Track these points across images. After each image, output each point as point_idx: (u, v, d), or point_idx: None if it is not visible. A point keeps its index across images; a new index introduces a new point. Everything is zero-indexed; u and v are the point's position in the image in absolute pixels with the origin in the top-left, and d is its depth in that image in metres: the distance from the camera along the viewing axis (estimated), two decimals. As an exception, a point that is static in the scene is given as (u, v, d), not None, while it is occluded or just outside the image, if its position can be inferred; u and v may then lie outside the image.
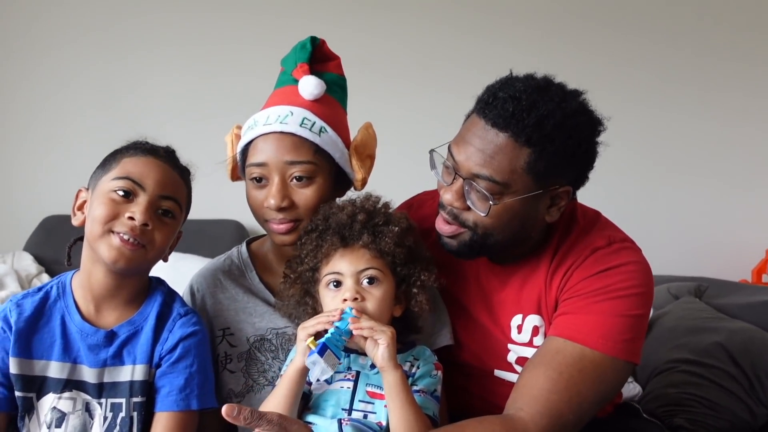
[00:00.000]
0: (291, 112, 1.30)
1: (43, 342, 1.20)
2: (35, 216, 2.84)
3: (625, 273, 1.26)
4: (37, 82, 3.01)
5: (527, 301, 1.33)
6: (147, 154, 1.23)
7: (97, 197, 1.20)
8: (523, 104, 1.16)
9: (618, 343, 1.22)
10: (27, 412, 1.20)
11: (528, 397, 1.17)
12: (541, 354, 1.24)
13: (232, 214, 2.85)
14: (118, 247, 1.17)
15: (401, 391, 1.13)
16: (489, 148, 1.18)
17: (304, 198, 1.28)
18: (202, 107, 2.97)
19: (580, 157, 1.23)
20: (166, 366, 1.22)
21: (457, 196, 1.24)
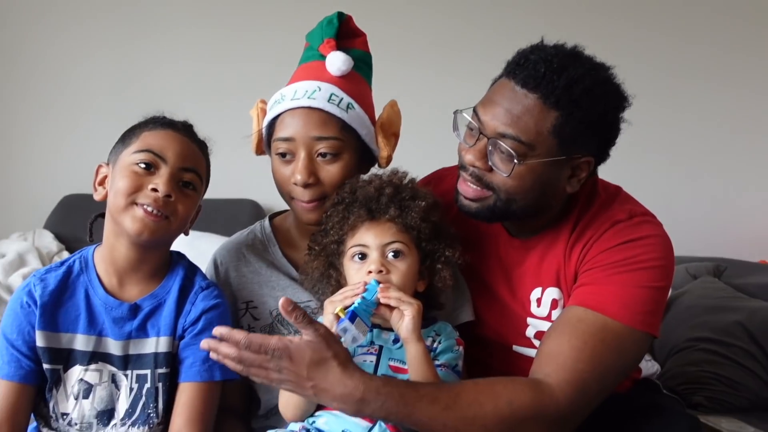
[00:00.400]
0: (319, 87, 1.30)
1: (68, 315, 1.22)
2: (55, 195, 2.85)
3: (646, 246, 1.26)
4: (55, 63, 3.02)
5: (547, 273, 1.33)
6: (166, 128, 1.24)
7: (119, 171, 1.21)
8: (554, 66, 1.17)
9: (638, 314, 1.21)
10: (55, 383, 1.21)
11: (555, 365, 1.17)
12: (562, 322, 1.23)
13: (249, 193, 2.86)
14: (141, 218, 1.18)
15: (423, 363, 1.14)
16: (517, 108, 1.19)
17: (329, 175, 1.29)
18: (218, 88, 2.96)
19: (604, 127, 1.23)
20: (189, 338, 1.24)
21: (480, 156, 1.23)
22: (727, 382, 1.81)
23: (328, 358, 1.05)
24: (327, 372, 1.05)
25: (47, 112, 3.02)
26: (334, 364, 1.05)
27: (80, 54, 3.02)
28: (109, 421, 1.22)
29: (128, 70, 3.00)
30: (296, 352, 1.04)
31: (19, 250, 2.53)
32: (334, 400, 1.06)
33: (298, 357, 1.04)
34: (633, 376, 1.47)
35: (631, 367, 1.29)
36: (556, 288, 1.32)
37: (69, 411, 1.21)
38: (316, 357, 1.04)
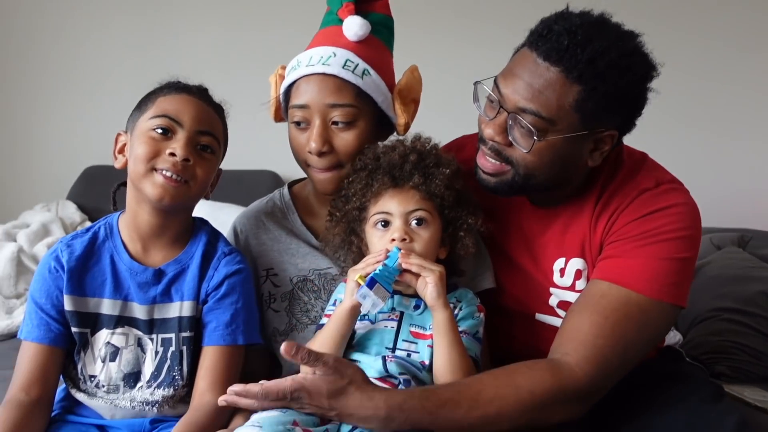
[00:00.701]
0: (334, 53, 1.28)
1: (94, 280, 1.24)
2: (77, 166, 2.89)
3: (672, 215, 1.24)
4: (76, 34, 3.03)
5: (571, 244, 1.32)
6: (181, 92, 1.24)
7: (137, 137, 1.21)
8: (578, 38, 1.13)
9: (664, 286, 1.20)
10: (83, 347, 1.24)
11: (574, 342, 1.17)
12: (585, 298, 1.22)
13: (269, 164, 2.87)
14: (162, 184, 1.18)
15: (449, 331, 1.14)
16: (538, 82, 1.16)
17: (344, 143, 1.28)
18: (239, 58, 2.96)
19: (629, 101, 1.19)
20: (213, 302, 1.25)
21: (500, 130, 1.21)
22: (751, 352, 1.80)
23: (344, 386, 1.06)
24: (347, 399, 1.06)
25: (68, 86, 3.04)
26: (351, 389, 1.06)
27: (101, 24, 3.03)
28: (135, 384, 1.24)
29: (149, 40, 3.01)
30: (313, 388, 1.05)
31: (43, 220, 2.57)
32: (360, 422, 1.08)
33: (315, 392, 1.05)
34: (657, 345, 1.46)
35: (657, 339, 1.29)
36: (581, 259, 1.31)
37: (96, 373, 1.23)
38: (332, 388, 1.05)
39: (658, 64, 1.20)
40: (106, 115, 2.89)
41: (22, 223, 2.59)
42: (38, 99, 3.05)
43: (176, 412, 1.23)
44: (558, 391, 1.13)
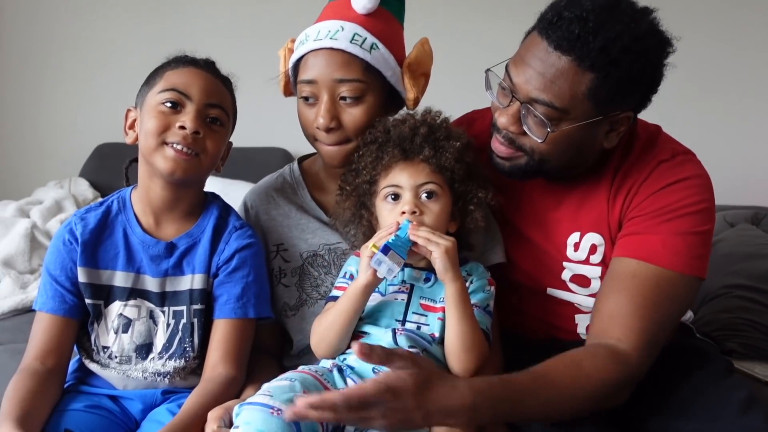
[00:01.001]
0: (342, 27, 1.27)
1: (107, 253, 1.25)
2: (89, 144, 2.90)
3: (691, 187, 1.24)
4: (86, 10, 3.03)
5: (587, 218, 1.31)
6: (188, 65, 1.24)
7: (147, 112, 1.22)
8: (589, 26, 1.10)
9: (690, 259, 1.21)
10: (96, 318, 1.25)
11: (623, 328, 1.17)
12: (617, 279, 1.22)
13: (280, 141, 2.87)
14: (173, 157, 1.19)
15: (459, 303, 1.14)
16: (550, 71, 1.14)
17: (352, 118, 1.27)
18: (249, 32, 2.94)
19: (645, 82, 1.18)
20: (224, 276, 1.26)
21: (513, 120, 1.20)
22: (762, 329, 1.79)
23: (428, 377, 1.00)
24: (432, 390, 1.00)
25: (80, 63, 3.04)
26: (435, 379, 1.01)
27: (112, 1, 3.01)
28: (147, 355, 1.25)
29: (159, 15, 3.00)
30: (399, 385, 0.97)
31: (56, 197, 2.59)
32: (448, 416, 1.02)
33: (401, 389, 0.97)
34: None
35: (684, 312, 1.30)
36: (597, 233, 1.31)
37: (109, 344, 1.25)
38: (419, 380, 0.99)
39: (673, 38, 1.18)
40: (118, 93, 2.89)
41: (36, 200, 2.61)
42: (51, 76, 3.06)
43: (187, 384, 1.25)
44: (623, 378, 1.15)
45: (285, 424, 1.00)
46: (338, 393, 0.94)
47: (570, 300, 1.36)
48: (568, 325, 1.38)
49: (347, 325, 1.17)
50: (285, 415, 0.97)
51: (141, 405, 1.26)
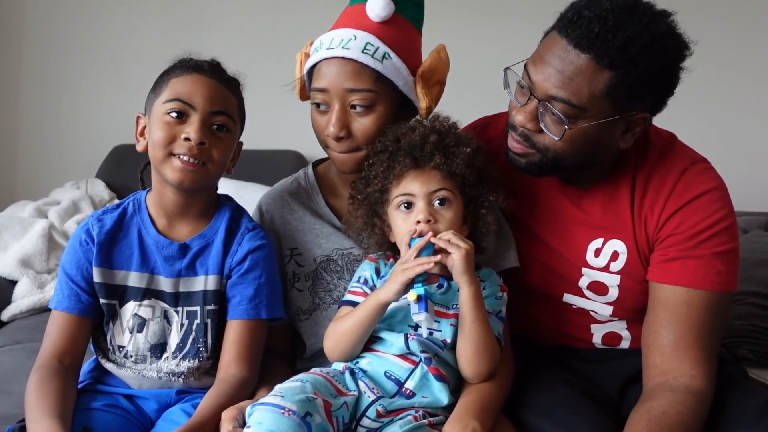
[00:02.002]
0: (354, 36, 1.27)
1: (122, 254, 1.27)
2: (106, 145, 2.92)
3: (717, 200, 1.26)
4: (103, 13, 3.05)
5: (610, 225, 1.31)
6: (192, 72, 1.24)
7: (154, 122, 1.23)
8: (609, 24, 1.12)
9: (730, 277, 1.25)
10: (111, 318, 1.27)
11: (692, 362, 1.21)
12: (672, 310, 1.24)
13: (293, 144, 2.88)
14: (180, 169, 1.20)
15: (474, 307, 1.14)
16: (569, 69, 1.15)
17: (362, 127, 1.27)
18: (265, 36, 2.96)
19: (661, 83, 1.19)
20: (236, 277, 1.27)
21: (530, 118, 1.21)
22: (774, 337, 1.79)
23: None
24: None
25: (97, 65, 3.06)
26: None
27: (128, 2, 3.04)
28: (161, 354, 1.27)
29: (177, 18, 3.02)
30: None
31: (73, 197, 2.61)
32: None
33: None
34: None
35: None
36: (621, 241, 1.31)
37: (125, 344, 1.27)
38: None
39: (690, 42, 1.19)
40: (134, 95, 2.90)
41: (53, 201, 2.63)
42: (68, 79, 3.08)
43: (201, 384, 1.27)
44: (706, 412, 1.20)
45: (296, 424, 1.02)
46: None
47: (586, 307, 1.36)
48: (582, 334, 1.39)
49: (363, 335, 1.18)
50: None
51: (156, 405, 1.27)
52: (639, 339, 1.33)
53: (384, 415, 1.15)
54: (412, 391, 1.17)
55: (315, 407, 1.06)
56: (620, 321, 1.36)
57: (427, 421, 1.14)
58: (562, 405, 1.22)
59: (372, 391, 1.16)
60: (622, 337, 1.38)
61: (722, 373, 1.27)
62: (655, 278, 1.27)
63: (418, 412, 1.15)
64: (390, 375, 1.17)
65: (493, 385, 1.19)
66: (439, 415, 1.17)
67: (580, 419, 1.19)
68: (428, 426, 1.14)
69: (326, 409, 1.08)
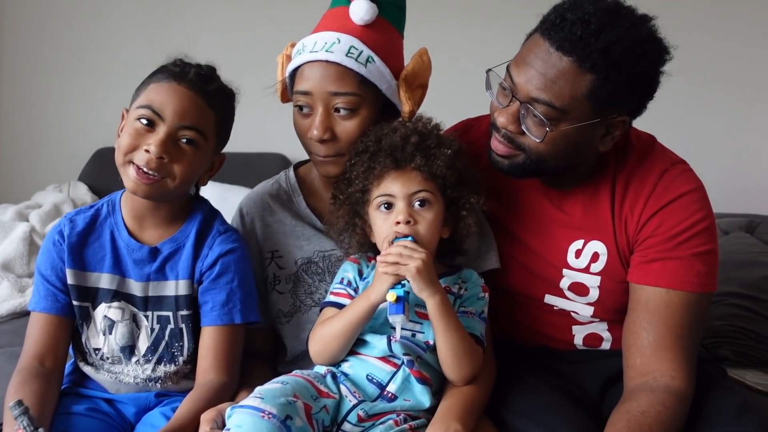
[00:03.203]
0: (338, 39, 1.26)
1: (95, 255, 1.26)
2: (89, 148, 2.91)
3: (696, 202, 1.27)
4: (88, 16, 3.04)
5: (590, 226, 1.32)
6: (172, 80, 1.20)
7: (127, 124, 1.20)
8: (592, 28, 1.12)
9: (709, 277, 1.26)
10: (84, 320, 1.26)
11: (671, 362, 1.22)
12: (652, 310, 1.24)
13: (278, 147, 2.88)
14: (134, 179, 1.18)
15: (444, 316, 1.14)
16: (551, 71, 1.15)
17: (346, 131, 1.27)
18: (248, 39, 2.95)
19: (643, 87, 1.20)
20: (208, 282, 1.25)
21: (512, 119, 1.22)
22: (755, 337, 1.81)
23: None
24: None
25: (80, 68, 3.05)
26: None
27: (113, 5, 3.03)
28: (131, 357, 1.26)
29: (161, 22, 3.01)
30: None
31: (55, 201, 2.60)
32: None
33: None
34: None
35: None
36: (601, 242, 1.32)
37: (100, 346, 1.26)
38: None
39: (671, 47, 1.20)
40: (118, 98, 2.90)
41: (35, 204, 2.62)
42: (51, 81, 3.07)
43: (180, 388, 1.26)
44: (685, 413, 1.20)
45: (275, 427, 1.01)
46: None
47: (567, 308, 1.37)
48: (564, 336, 1.39)
49: (353, 337, 1.18)
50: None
51: (134, 408, 1.26)
52: (620, 340, 1.33)
53: (365, 420, 1.14)
54: (393, 395, 1.17)
55: (295, 410, 1.06)
56: (601, 322, 1.37)
57: (408, 425, 1.14)
58: (544, 406, 1.23)
59: (353, 395, 1.15)
60: (603, 338, 1.38)
61: (702, 372, 1.28)
62: (635, 279, 1.28)
63: (400, 416, 1.15)
64: (372, 378, 1.17)
65: (474, 387, 1.19)
66: (420, 418, 1.17)
67: (561, 420, 1.20)
68: (410, 430, 1.14)
69: (307, 412, 1.08)
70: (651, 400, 1.18)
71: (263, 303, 1.36)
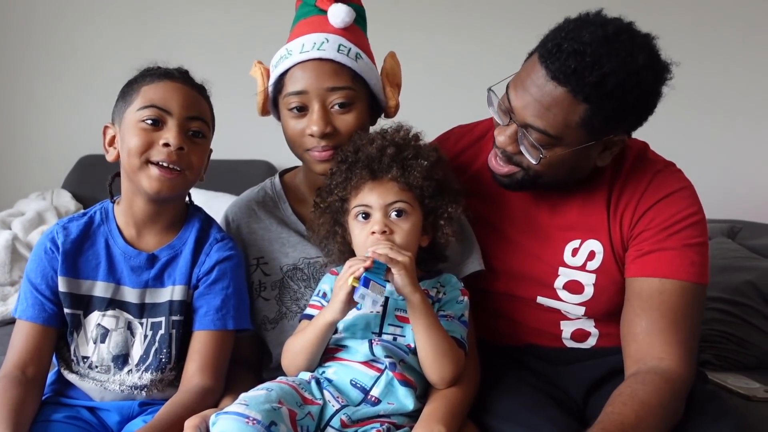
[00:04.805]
0: (326, 38, 1.29)
1: (88, 263, 1.25)
2: (72, 155, 2.89)
3: (686, 198, 1.30)
4: (70, 23, 3.03)
5: (587, 225, 1.35)
6: (163, 78, 1.22)
7: (127, 130, 1.21)
8: (586, 60, 1.14)
9: (700, 268, 1.28)
10: (75, 328, 1.25)
11: (663, 345, 1.23)
12: (646, 299, 1.26)
13: (263, 154, 2.88)
14: (158, 177, 1.19)
15: (423, 315, 1.15)
16: (546, 99, 1.18)
17: (345, 124, 1.28)
18: (232, 46, 2.95)
19: (638, 110, 1.22)
20: (204, 287, 1.26)
21: (510, 141, 1.25)
22: (736, 341, 1.82)
23: None
24: None
25: (63, 75, 3.04)
26: None
27: (95, 13, 3.02)
28: (123, 366, 1.25)
29: (143, 28, 3.01)
30: None
31: (38, 208, 2.58)
32: None
33: None
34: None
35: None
36: (597, 241, 1.34)
37: (89, 354, 1.25)
38: None
39: (672, 63, 1.21)
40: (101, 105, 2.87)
41: (17, 212, 2.60)
42: (34, 88, 3.05)
43: (164, 396, 1.25)
44: (676, 393, 1.19)
45: (260, 433, 1.01)
46: None
47: (558, 308, 1.39)
48: (552, 330, 1.41)
49: (316, 353, 1.19)
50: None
51: (118, 416, 1.26)
52: (607, 336, 1.37)
53: (348, 425, 1.14)
54: (377, 398, 1.17)
55: (280, 416, 1.06)
56: (589, 319, 1.39)
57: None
58: (527, 408, 1.24)
59: (336, 400, 1.16)
60: (590, 333, 1.40)
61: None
62: (630, 273, 1.30)
63: (384, 426, 1.15)
64: (356, 383, 1.18)
65: (458, 390, 1.20)
66: (405, 426, 1.17)
67: (544, 422, 1.20)
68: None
69: (291, 419, 1.08)
70: (630, 381, 1.20)
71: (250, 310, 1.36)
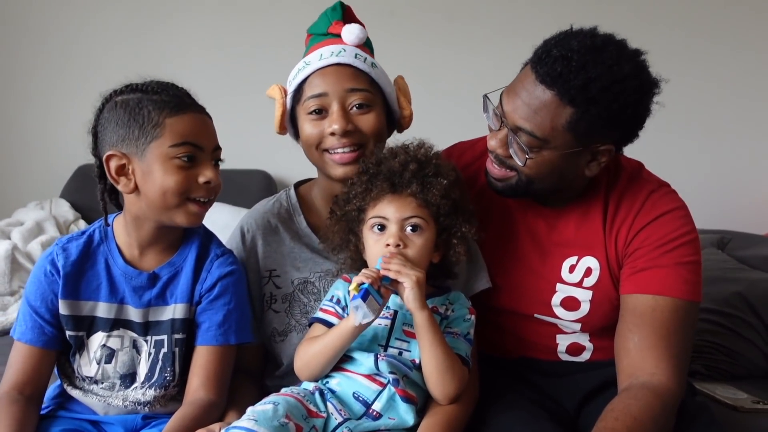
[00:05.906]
0: (343, 49, 1.35)
1: (90, 284, 1.25)
2: (70, 165, 2.88)
3: (681, 218, 1.33)
4: (68, 32, 3.03)
5: (584, 242, 1.38)
6: (187, 111, 1.19)
7: (158, 166, 1.16)
8: (573, 65, 1.18)
9: (693, 286, 1.30)
10: (78, 349, 1.25)
11: (654, 360, 1.25)
12: (639, 315, 1.29)
13: (260, 164, 2.88)
14: (196, 213, 1.21)
15: (429, 331, 1.17)
16: (534, 103, 1.22)
17: (366, 123, 1.32)
18: (231, 57, 2.97)
19: (623, 120, 1.25)
20: (206, 303, 1.27)
21: (501, 144, 1.29)
22: (725, 351, 1.84)
23: None
24: None
25: (61, 84, 3.04)
26: None
27: (94, 22, 3.03)
28: (131, 384, 1.26)
29: (143, 38, 3.02)
30: None
31: (36, 218, 2.58)
32: None
33: None
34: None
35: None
36: (593, 257, 1.37)
37: (92, 374, 1.25)
38: None
39: (661, 80, 1.26)
40: (98, 114, 2.93)
41: (16, 221, 2.60)
42: (32, 97, 3.05)
43: (167, 410, 1.26)
44: (667, 408, 1.21)
45: (269, 449, 1.03)
46: None
47: (554, 323, 1.42)
48: (548, 343, 1.44)
49: (334, 358, 1.21)
50: None
51: (122, 430, 1.26)
52: (601, 349, 1.40)
53: (351, 438, 1.16)
54: (378, 413, 1.19)
55: (287, 432, 1.07)
56: (584, 333, 1.42)
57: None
58: (521, 422, 1.26)
59: (339, 413, 1.17)
60: (585, 347, 1.43)
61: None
62: (625, 290, 1.33)
63: (384, 440, 1.17)
64: (358, 396, 1.19)
65: (456, 406, 1.22)
66: (403, 440, 1.19)
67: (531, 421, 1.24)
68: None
69: (298, 433, 1.09)
70: (623, 396, 1.22)
71: (258, 321, 1.38)
